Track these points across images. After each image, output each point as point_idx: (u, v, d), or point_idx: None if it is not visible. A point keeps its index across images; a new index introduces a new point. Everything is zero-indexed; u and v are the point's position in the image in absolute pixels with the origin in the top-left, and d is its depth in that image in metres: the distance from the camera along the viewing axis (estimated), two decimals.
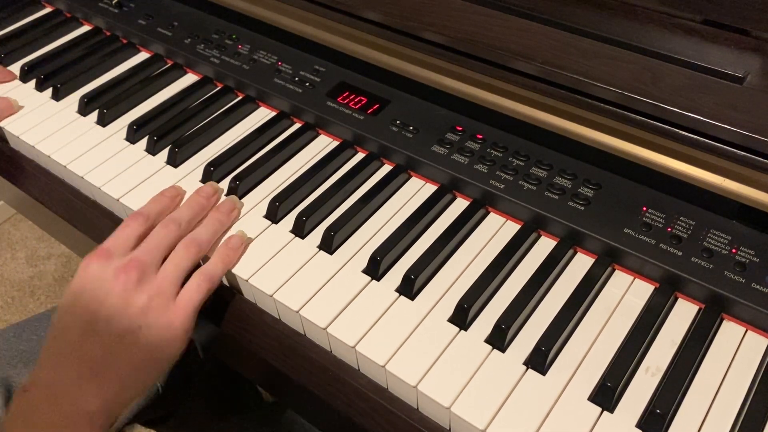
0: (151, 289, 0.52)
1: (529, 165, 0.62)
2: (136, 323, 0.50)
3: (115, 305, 0.50)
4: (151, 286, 0.52)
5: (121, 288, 0.51)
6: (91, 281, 0.51)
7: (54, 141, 0.72)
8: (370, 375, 0.53)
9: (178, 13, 0.85)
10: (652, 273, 0.55)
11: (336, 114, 0.69)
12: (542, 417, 0.47)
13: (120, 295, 0.50)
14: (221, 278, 0.57)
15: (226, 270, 0.57)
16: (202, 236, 0.58)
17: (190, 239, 0.57)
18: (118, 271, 0.51)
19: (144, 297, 0.51)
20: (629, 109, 0.55)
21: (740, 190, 0.53)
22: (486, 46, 0.60)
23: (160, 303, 0.51)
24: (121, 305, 0.50)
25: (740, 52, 0.57)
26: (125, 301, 0.50)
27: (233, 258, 0.57)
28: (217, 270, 0.56)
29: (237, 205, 0.62)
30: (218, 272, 0.56)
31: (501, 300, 0.55)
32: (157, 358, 0.50)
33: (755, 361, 0.50)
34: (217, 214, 0.60)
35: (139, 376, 0.50)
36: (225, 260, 0.57)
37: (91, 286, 0.51)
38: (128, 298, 0.50)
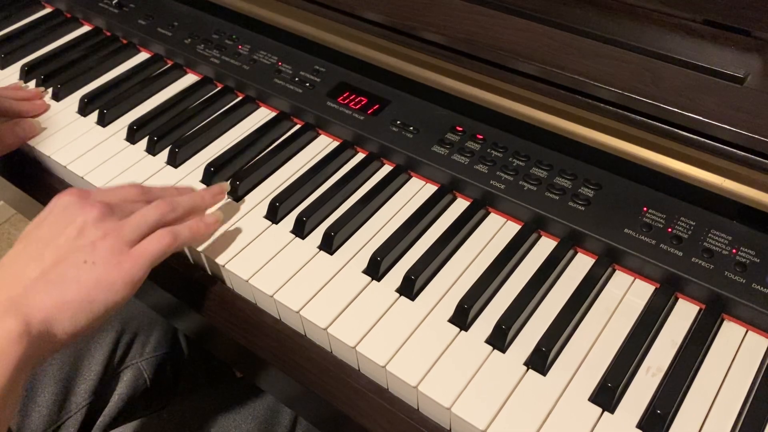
0: (108, 228, 0.51)
1: (529, 165, 0.62)
2: (83, 256, 0.49)
3: (70, 234, 0.51)
4: (111, 226, 0.52)
5: (81, 220, 0.51)
6: (60, 208, 0.53)
7: (54, 141, 0.72)
8: (371, 375, 0.53)
9: (178, 13, 0.85)
10: (653, 273, 0.55)
11: (336, 114, 0.69)
12: (543, 417, 0.47)
13: (77, 226, 0.51)
14: (184, 243, 0.55)
15: (192, 239, 0.56)
16: (179, 202, 0.57)
17: (166, 200, 0.56)
18: (86, 206, 0.52)
19: (99, 233, 0.51)
20: (629, 109, 0.55)
21: (740, 190, 0.53)
22: (486, 46, 0.60)
23: (113, 244, 0.51)
24: (74, 235, 0.50)
25: (740, 52, 0.57)
26: (79, 233, 0.51)
27: (203, 231, 0.57)
28: (183, 233, 0.55)
29: (224, 191, 0.63)
30: (183, 235, 0.55)
31: (501, 300, 0.55)
32: (94, 299, 0.48)
33: (756, 361, 0.50)
34: (201, 191, 0.61)
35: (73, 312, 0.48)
36: (193, 229, 0.56)
37: (55, 214, 0.52)
38: (84, 229, 0.51)
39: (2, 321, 0.44)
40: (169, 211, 0.55)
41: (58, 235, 0.51)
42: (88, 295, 0.48)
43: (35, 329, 0.45)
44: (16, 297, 0.46)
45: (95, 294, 0.48)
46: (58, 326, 0.47)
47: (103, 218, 0.52)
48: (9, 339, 0.43)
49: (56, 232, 0.51)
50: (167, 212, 0.55)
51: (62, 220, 0.52)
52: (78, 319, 0.48)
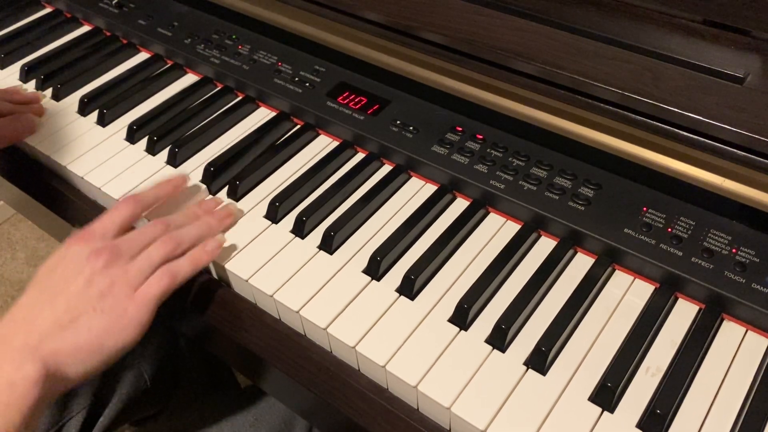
0: (115, 275, 0.53)
1: (529, 165, 0.62)
2: (92, 305, 0.51)
3: (79, 285, 0.52)
4: (118, 272, 0.53)
5: (89, 270, 0.53)
6: (67, 258, 0.54)
7: (54, 141, 0.72)
8: (371, 375, 0.53)
9: (178, 13, 0.85)
10: (653, 273, 0.55)
11: (336, 114, 0.69)
12: (542, 417, 0.47)
13: (86, 276, 0.52)
14: (185, 278, 0.56)
15: (194, 271, 0.57)
16: (183, 235, 0.57)
17: (171, 236, 0.57)
18: (92, 254, 0.53)
19: (106, 281, 0.52)
20: (629, 109, 0.55)
21: (740, 190, 0.53)
22: (486, 46, 0.60)
23: (121, 290, 0.52)
24: (83, 285, 0.52)
25: (740, 52, 0.57)
26: (88, 282, 0.52)
27: (204, 260, 0.57)
28: (182, 268, 0.55)
29: (233, 213, 0.62)
30: (182, 270, 0.55)
31: (501, 300, 0.55)
32: (103, 344, 0.50)
33: (755, 361, 0.50)
34: (208, 218, 0.60)
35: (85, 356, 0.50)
36: (194, 260, 0.57)
37: (65, 262, 0.54)
38: (92, 279, 0.52)
39: (22, 367, 0.47)
40: (174, 248, 0.56)
41: (68, 284, 0.52)
42: (98, 341, 0.51)
43: (50, 373, 0.48)
44: (33, 343, 0.49)
45: (105, 339, 0.51)
46: (71, 369, 0.50)
47: (109, 265, 0.53)
48: (27, 384, 0.46)
49: (67, 280, 0.52)
50: (172, 250, 0.56)
51: (72, 269, 0.53)
52: (89, 363, 0.51)
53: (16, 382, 0.46)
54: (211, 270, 0.61)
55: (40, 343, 0.49)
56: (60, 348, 0.49)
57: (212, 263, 0.60)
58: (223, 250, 0.59)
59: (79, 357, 0.50)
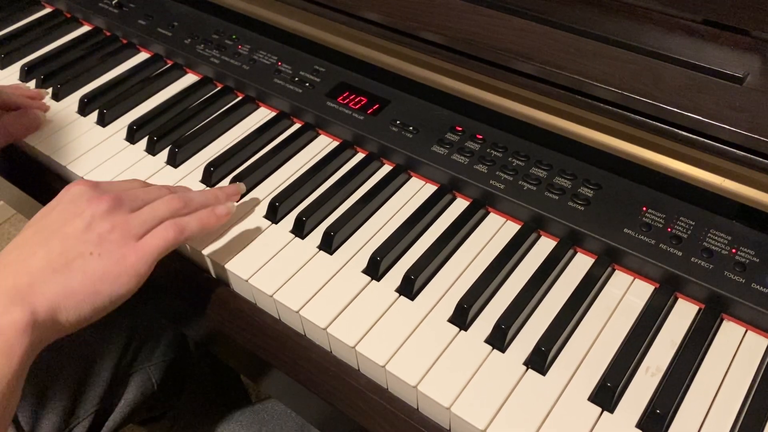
0: (116, 221, 0.51)
1: (528, 165, 0.62)
2: (89, 248, 0.49)
3: (78, 225, 0.50)
4: (119, 219, 0.52)
5: (89, 213, 0.51)
6: (69, 198, 0.52)
7: (54, 141, 0.72)
8: (370, 375, 0.53)
9: (178, 13, 0.85)
10: (652, 273, 0.55)
11: (336, 114, 0.69)
12: (542, 417, 0.47)
13: (85, 218, 0.51)
14: (191, 236, 0.55)
15: (200, 231, 0.55)
16: (192, 197, 0.57)
17: (179, 195, 0.56)
18: (95, 197, 0.52)
19: (107, 225, 0.51)
20: (629, 109, 0.55)
21: (740, 190, 0.53)
22: (486, 47, 0.60)
23: (120, 237, 0.51)
24: (82, 226, 0.50)
25: (740, 52, 0.57)
26: (88, 224, 0.51)
27: (212, 222, 0.56)
28: (190, 224, 0.54)
29: (240, 192, 0.63)
30: (190, 227, 0.54)
31: (501, 300, 0.55)
32: (98, 290, 0.48)
33: (755, 361, 0.50)
34: (216, 190, 0.60)
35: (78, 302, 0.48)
36: (202, 220, 0.55)
37: (64, 204, 0.52)
38: (92, 222, 0.51)
39: (9, 312, 0.44)
40: (180, 207, 0.55)
41: (66, 225, 0.50)
42: (93, 286, 0.48)
43: (41, 318, 0.45)
44: (22, 286, 0.46)
45: (100, 286, 0.49)
46: (62, 315, 0.47)
47: (112, 211, 0.52)
48: (16, 329, 0.44)
49: (64, 221, 0.51)
50: (179, 208, 0.55)
51: (71, 210, 0.51)
52: (82, 309, 0.48)
53: (4, 328, 0.44)
54: (211, 270, 0.61)
55: (30, 287, 0.46)
56: (51, 292, 0.47)
57: (212, 263, 0.60)
58: (223, 249, 0.59)
59: (72, 302, 0.47)
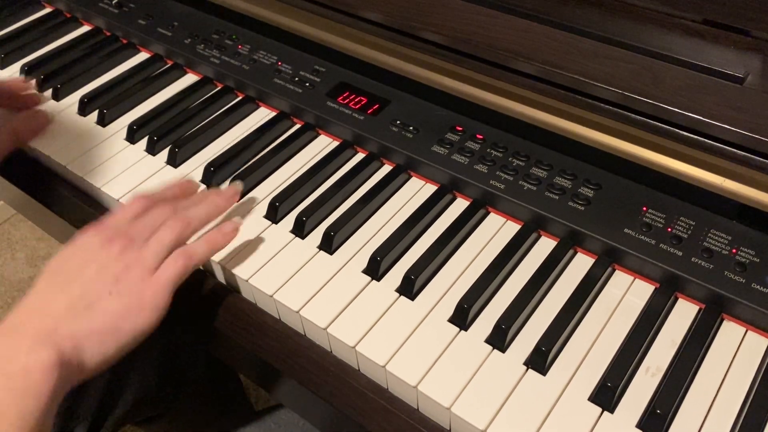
0: (129, 260, 0.52)
1: (529, 165, 0.62)
2: (107, 289, 0.51)
3: (93, 270, 0.52)
4: (131, 256, 0.53)
5: (103, 256, 0.52)
6: (81, 247, 0.54)
7: (53, 141, 0.72)
8: (371, 375, 0.53)
9: (178, 13, 0.85)
10: (653, 273, 0.55)
11: (336, 114, 0.69)
12: (542, 417, 0.47)
13: (100, 262, 0.52)
14: (202, 260, 0.56)
15: (210, 253, 0.56)
16: (192, 215, 0.57)
17: (179, 217, 0.56)
18: (104, 241, 0.53)
19: (121, 266, 0.52)
20: (629, 109, 0.55)
21: (740, 190, 0.53)
22: (486, 46, 0.60)
23: (136, 274, 0.52)
24: (97, 271, 0.52)
25: (740, 52, 0.57)
26: (103, 267, 0.52)
27: (220, 243, 0.57)
28: (199, 250, 0.55)
29: (239, 192, 0.63)
30: (199, 252, 0.55)
31: (501, 300, 0.55)
32: (120, 327, 0.50)
33: (755, 361, 0.50)
34: (215, 197, 0.60)
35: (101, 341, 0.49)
36: (210, 242, 0.56)
37: (78, 250, 0.53)
38: (107, 264, 0.52)
39: (37, 352, 0.46)
40: (184, 229, 0.56)
41: (82, 270, 0.52)
42: (115, 325, 0.50)
43: (66, 358, 0.47)
44: (47, 329, 0.48)
45: (122, 323, 0.50)
46: (87, 355, 0.48)
47: (124, 251, 0.53)
48: (44, 370, 0.45)
49: (80, 267, 0.52)
50: (183, 231, 0.56)
51: (86, 256, 0.53)
52: (106, 348, 0.50)
53: (31, 368, 0.45)
54: (210, 269, 0.61)
55: (55, 329, 0.48)
56: (75, 332, 0.48)
57: (211, 262, 0.60)
58: (223, 250, 0.59)
59: (96, 342, 0.49)
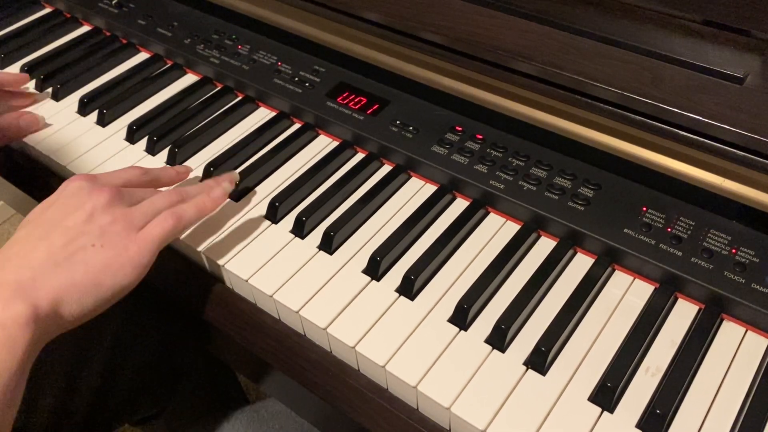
0: (116, 213, 0.52)
1: (528, 165, 0.62)
2: (91, 240, 0.50)
3: (79, 217, 0.51)
4: (119, 211, 0.52)
5: (90, 205, 0.52)
6: (69, 192, 0.53)
7: (53, 141, 0.72)
8: (370, 375, 0.53)
9: (178, 13, 0.85)
10: (652, 273, 0.55)
11: (336, 114, 0.69)
12: (542, 417, 0.47)
13: (87, 210, 0.51)
14: (190, 222, 0.55)
15: (199, 216, 0.56)
16: (188, 190, 0.57)
17: (175, 189, 0.56)
18: (95, 190, 0.53)
19: (108, 218, 0.51)
20: (629, 109, 0.55)
21: (740, 190, 0.53)
22: (486, 47, 0.60)
23: (122, 228, 0.51)
24: (83, 219, 0.51)
25: (740, 53, 0.57)
26: (89, 216, 0.51)
27: (208, 207, 0.57)
28: (188, 212, 0.55)
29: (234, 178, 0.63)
30: (188, 214, 0.55)
31: (501, 300, 0.55)
32: (101, 282, 0.49)
33: (755, 361, 0.50)
34: (208, 181, 0.60)
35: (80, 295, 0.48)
36: (199, 205, 0.56)
37: (64, 197, 0.53)
38: (93, 214, 0.51)
39: (11, 306, 0.44)
40: (178, 201, 0.56)
41: (67, 218, 0.51)
42: (95, 278, 0.48)
43: (43, 312, 0.45)
44: (24, 280, 0.46)
45: (102, 277, 0.49)
46: (65, 308, 0.47)
47: (113, 203, 0.52)
48: (18, 324, 0.44)
49: (65, 214, 0.51)
50: (176, 200, 0.56)
51: (71, 203, 0.52)
52: (85, 302, 0.48)
53: (5, 322, 0.43)
54: (210, 269, 0.61)
55: (32, 281, 0.46)
56: (54, 285, 0.47)
57: (211, 262, 0.60)
58: (223, 249, 0.59)
59: (75, 295, 0.47)
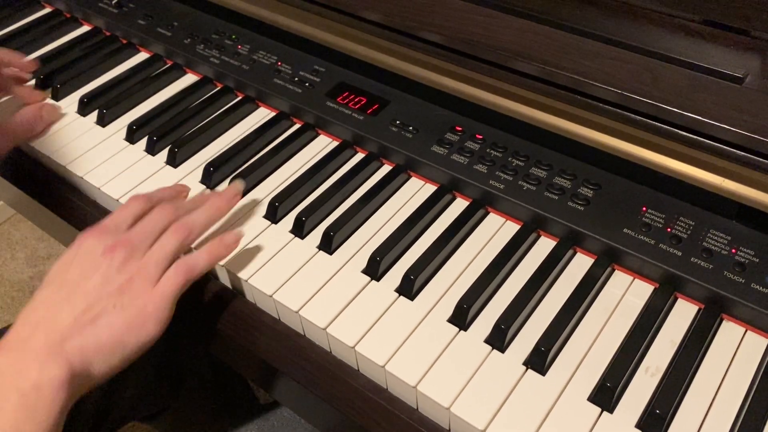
0: (132, 271, 0.52)
1: (528, 165, 0.62)
2: (111, 302, 0.50)
3: (96, 282, 0.51)
4: (134, 267, 0.52)
5: (105, 266, 0.52)
6: (82, 255, 0.53)
7: (53, 141, 0.72)
8: (370, 375, 0.53)
9: (177, 13, 0.85)
10: (652, 273, 0.55)
11: (336, 114, 0.69)
12: (542, 417, 0.47)
13: (103, 272, 0.52)
14: (203, 271, 0.55)
15: (211, 263, 0.56)
16: (194, 221, 0.57)
17: (181, 223, 0.56)
18: (107, 250, 0.53)
19: (124, 277, 0.52)
20: (629, 109, 0.55)
21: (740, 190, 0.53)
22: (486, 47, 0.60)
23: (139, 285, 0.52)
24: (101, 282, 0.51)
25: (740, 52, 0.57)
26: (106, 279, 0.51)
27: (222, 253, 0.57)
28: (199, 261, 0.55)
29: (240, 192, 0.62)
30: (200, 264, 0.55)
31: (501, 300, 0.55)
32: (125, 341, 0.50)
33: (755, 361, 0.50)
34: (216, 200, 0.59)
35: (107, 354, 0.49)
36: (211, 253, 0.56)
37: (80, 259, 0.53)
38: (110, 276, 0.51)
39: (47, 369, 0.46)
40: (187, 236, 0.56)
41: (86, 280, 0.51)
42: (120, 339, 0.50)
43: (76, 373, 0.47)
44: (55, 343, 0.48)
45: (127, 337, 0.50)
46: (94, 368, 0.49)
47: (126, 261, 0.52)
48: (53, 386, 0.45)
49: (83, 276, 0.52)
50: (185, 237, 0.55)
51: (88, 265, 0.52)
52: (112, 361, 0.50)
53: (42, 384, 0.45)
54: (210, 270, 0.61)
55: (63, 343, 0.48)
56: (83, 347, 0.48)
57: None
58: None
59: (102, 355, 0.49)
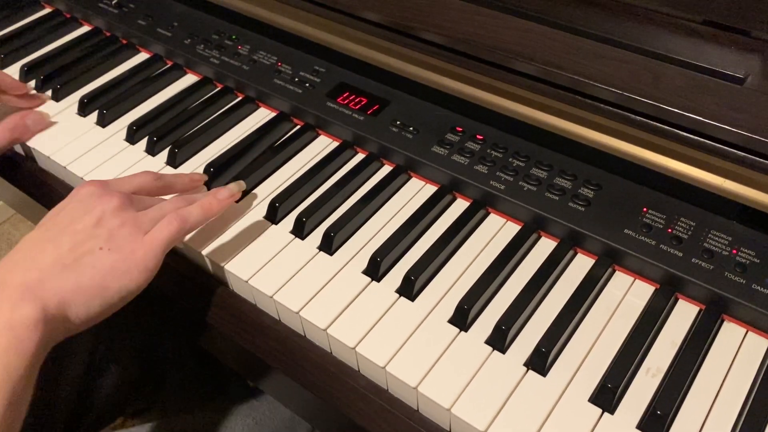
0: (125, 217, 0.52)
1: (529, 166, 0.62)
2: (99, 243, 0.50)
3: (88, 221, 0.51)
4: (128, 215, 0.53)
5: (100, 208, 0.52)
6: (77, 200, 0.53)
7: (53, 142, 0.72)
8: (370, 376, 0.53)
9: (178, 13, 0.85)
10: (653, 274, 0.55)
11: (336, 114, 0.69)
12: (543, 418, 0.47)
13: (96, 215, 0.52)
14: (196, 224, 0.56)
15: (204, 218, 0.56)
16: (196, 197, 0.58)
17: (182, 197, 0.57)
18: (105, 195, 0.53)
19: (116, 221, 0.52)
20: (629, 109, 0.55)
21: (740, 190, 0.53)
22: (486, 47, 0.60)
23: (130, 232, 0.52)
24: (92, 222, 0.51)
25: (740, 53, 0.57)
26: (98, 220, 0.52)
27: (215, 209, 0.57)
28: (193, 214, 0.55)
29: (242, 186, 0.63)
30: (193, 217, 0.55)
31: (501, 301, 0.55)
32: (108, 285, 0.49)
33: (756, 362, 0.50)
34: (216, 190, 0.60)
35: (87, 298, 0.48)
36: (205, 207, 0.56)
37: (74, 204, 0.53)
38: (102, 217, 0.52)
39: (20, 307, 0.45)
40: (185, 205, 0.56)
41: (76, 222, 0.51)
42: (102, 282, 0.49)
43: (51, 314, 0.46)
44: (32, 282, 0.47)
45: (110, 281, 0.49)
46: (72, 311, 0.48)
47: (122, 208, 0.53)
48: (26, 326, 0.44)
49: (74, 218, 0.52)
50: (184, 206, 0.56)
51: (81, 207, 0.52)
52: (92, 305, 0.49)
53: (15, 324, 0.44)
54: (210, 270, 0.61)
55: (40, 283, 0.47)
56: (61, 287, 0.47)
57: (212, 264, 0.60)
58: (223, 250, 0.59)
59: (82, 298, 0.48)
